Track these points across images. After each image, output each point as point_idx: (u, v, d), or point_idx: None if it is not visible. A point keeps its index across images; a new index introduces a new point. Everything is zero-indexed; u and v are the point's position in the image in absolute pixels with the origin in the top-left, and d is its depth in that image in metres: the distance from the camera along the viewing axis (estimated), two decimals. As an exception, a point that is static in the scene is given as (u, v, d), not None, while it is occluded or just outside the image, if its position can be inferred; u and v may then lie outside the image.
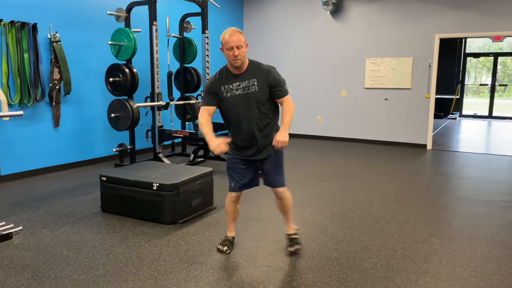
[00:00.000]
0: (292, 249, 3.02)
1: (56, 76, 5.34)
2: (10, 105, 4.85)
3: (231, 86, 2.77)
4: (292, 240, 3.07)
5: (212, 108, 2.82)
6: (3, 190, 4.67)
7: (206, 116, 2.80)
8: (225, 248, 3.05)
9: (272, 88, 2.80)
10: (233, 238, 3.17)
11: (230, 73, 2.79)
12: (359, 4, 8.02)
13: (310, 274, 2.72)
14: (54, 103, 5.38)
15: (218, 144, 2.65)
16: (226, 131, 2.98)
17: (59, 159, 5.59)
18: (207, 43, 6.21)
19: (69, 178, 5.21)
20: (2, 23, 4.71)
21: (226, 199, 3.08)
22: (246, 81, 2.76)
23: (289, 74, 8.86)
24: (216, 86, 2.79)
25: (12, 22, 4.78)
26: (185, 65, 6.55)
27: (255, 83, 2.76)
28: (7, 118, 4.80)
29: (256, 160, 2.91)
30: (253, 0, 9.08)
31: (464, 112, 14.13)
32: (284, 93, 2.84)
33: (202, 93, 2.87)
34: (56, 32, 5.30)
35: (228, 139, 2.78)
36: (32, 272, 2.72)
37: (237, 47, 2.68)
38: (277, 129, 2.88)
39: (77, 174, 5.45)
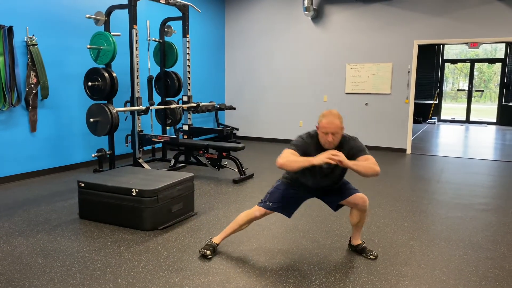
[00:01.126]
0: (374, 254, 3.08)
1: (33, 80, 5.23)
2: (-16, 110, 4.72)
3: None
4: (367, 248, 3.12)
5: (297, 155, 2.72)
6: (-24, 197, 4.53)
7: (292, 158, 2.67)
8: (208, 252, 3.01)
9: (352, 155, 2.76)
10: (217, 245, 3.12)
11: (321, 146, 2.78)
12: (340, 10, 8.11)
13: (292, 279, 2.71)
14: (30, 108, 5.25)
15: (326, 156, 2.56)
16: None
17: (35, 165, 5.46)
18: (188, 48, 6.18)
19: (46, 184, 5.09)
20: (-24, 25, 4.60)
21: (246, 212, 3.06)
22: None
23: (270, 79, 8.90)
24: (308, 150, 2.76)
25: (-14, 24, 4.67)
26: (166, 69, 6.50)
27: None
28: (-19, 123, 4.68)
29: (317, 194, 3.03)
30: (234, 4, 9.10)
31: (442, 117, 14.42)
32: (364, 154, 2.79)
33: (295, 143, 2.80)
34: (33, 35, 5.20)
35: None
36: (6, 281, 2.63)
37: (333, 134, 2.70)
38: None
39: (54, 180, 5.33)
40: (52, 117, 5.62)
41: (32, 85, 5.23)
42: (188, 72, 6.29)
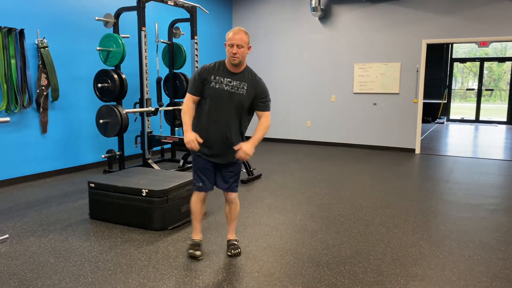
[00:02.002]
0: (234, 252, 3.06)
1: (44, 82, 5.29)
2: (-4, 112, 4.79)
3: (222, 79, 2.81)
4: (233, 245, 3.11)
5: (198, 98, 2.87)
6: (-11, 197, 4.60)
7: (190, 104, 2.87)
8: (198, 252, 3.02)
9: (257, 99, 2.87)
10: (201, 241, 3.13)
11: (226, 68, 2.84)
12: (348, 10, 8.10)
13: (300, 279, 2.72)
14: (41, 109, 5.32)
15: (192, 139, 2.77)
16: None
17: (46, 166, 5.52)
18: (197, 49, 6.21)
19: (57, 185, 5.15)
20: (-12, 28, 4.66)
21: (193, 199, 3.05)
22: (238, 82, 2.82)
23: (278, 79, 8.90)
24: (208, 73, 2.82)
25: (-2, 27, 4.73)
26: (174, 70, 6.54)
27: (245, 87, 2.83)
28: (-7, 125, 4.75)
29: (216, 163, 2.95)
30: (242, 5, 9.12)
31: (451, 117, 14.31)
32: (267, 108, 2.91)
33: (191, 78, 2.89)
34: (44, 37, 5.26)
35: (200, 139, 2.81)
36: (19, 281, 2.67)
37: (238, 46, 2.74)
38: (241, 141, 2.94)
39: (65, 181, 5.39)
40: (63, 119, 5.68)
41: (43, 87, 5.29)
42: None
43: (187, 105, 2.86)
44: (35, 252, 3.13)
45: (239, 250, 3.09)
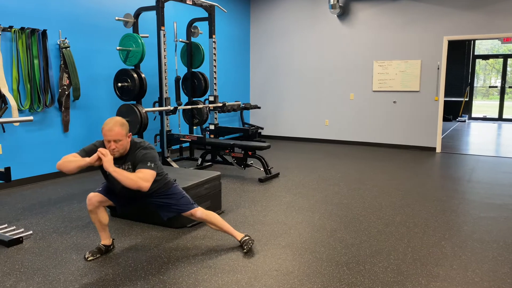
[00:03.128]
0: (247, 246, 3.09)
1: (65, 81, 5.39)
2: (20, 111, 4.91)
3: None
4: (245, 242, 3.12)
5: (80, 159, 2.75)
6: (13, 195, 4.71)
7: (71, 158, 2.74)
8: (250, 242, 3.13)
9: (135, 167, 2.80)
10: (106, 246, 3.12)
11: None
12: (366, 7, 8.01)
13: (320, 278, 2.71)
14: (63, 108, 5.42)
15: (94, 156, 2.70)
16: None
17: (68, 164, 5.62)
18: (215, 48, 6.23)
19: (78, 183, 5.25)
20: (13, 29, 4.77)
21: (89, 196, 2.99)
22: (123, 165, 2.82)
23: (296, 77, 8.87)
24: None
25: (22, 28, 4.84)
26: (193, 70, 6.57)
27: (130, 166, 2.82)
28: (17, 124, 4.86)
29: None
30: (260, 4, 9.11)
31: (473, 115, 14.02)
32: (144, 166, 2.75)
33: (81, 149, 2.85)
34: (66, 38, 5.36)
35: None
36: (43, 276, 2.73)
37: (115, 141, 2.70)
38: (166, 184, 3.02)
39: (86, 178, 5.48)
40: (84, 118, 5.78)
41: (65, 87, 5.39)
42: (214, 72, 6.35)
43: (67, 157, 2.74)
44: (58, 248, 3.19)
45: (251, 242, 3.12)
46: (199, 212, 3.09)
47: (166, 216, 3.09)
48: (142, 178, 2.67)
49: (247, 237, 3.16)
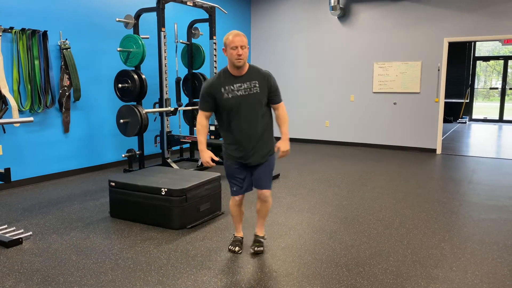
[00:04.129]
0: (257, 249, 3.09)
1: (66, 82, 5.40)
2: (21, 112, 4.91)
3: (232, 87, 2.80)
4: (259, 242, 3.14)
5: (210, 113, 2.91)
6: (13, 195, 4.72)
7: (204, 122, 2.92)
8: (237, 248, 3.12)
9: (270, 93, 2.89)
10: (242, 238, 3.23)
11: (230, 75, 2.84)
12: (367, 8, 8.01)
13: (319, 280, 2.70)
14: (64, 109, 5.43)
15: (207, 160, 2.88)
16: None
17: (68, 165, 5.64)
18: (215, 49, 6.24)
19: (78, 184, 5.25)
20: (13, 30, 4.78)
21: (230, 203, 3.16)
22: (248, 83, 2.82)
23: (296, 78, 8.87)
24: (215, 88, 2.82)
25: (23, 29, 4.85)
26: (193, 71, 6.58)
27: (257, 85, 2.83)
28: (18, 124, 4.87)
29: (251, 165, 2.96)
30: (260, 5, 9.12)
31: (474, 116, 14.00)
32: (280, 99, 2.95)
33: (200, 96, 2.91)
34: (66, 39, 5.37)
35: (216, 158, 2.91)
36: (42, 277, 2.73)
37: (241, 47, 2.74)
38: (273, 136, 3.00)
39: (86, 179, 5.49)
40: (84, 118, 5.79)
41: (65, 88, 5.40)
42: (215, 73, 6.35)
43: (201, 124, 2.91)
44: (57, 249, 3.19)
45: (262, 248, 3.12)
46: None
47: (262, 180, 2.98)
48: (286, 113, 2.99)
49: (262, 240, 3.17)
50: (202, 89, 2.89)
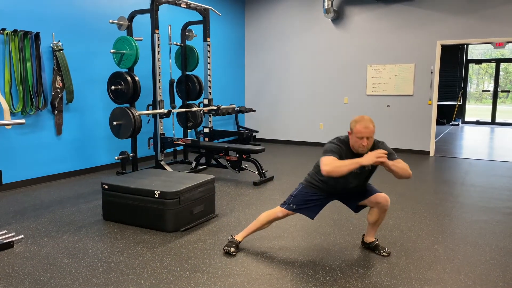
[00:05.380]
0: (387, 250, 3.14)
1: (59, 84, 5.36)
2: (12, 114, 4.87)
3: None
4: (380, 246, 3.18)
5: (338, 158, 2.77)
6: (4, 198, 4.67)
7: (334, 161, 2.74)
8: (232, 249, 3.11)
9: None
10: (240, 242, 3.22)
11: (351, 152, 2.85)
12: (361, 11, 8.05)
13: (313, 282, 2.70)
14: (56, 111, 5.39)
15: (374, 154, 2.65)
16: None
17: (61, 167, 5.59)
18: (209, 51, 6.23)
19: (71, 186, 5.21)
20: (5, 32, 4.74)
21: (272, 212, 3.13)
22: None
23: (290, 81, 8.89)
24: (342, 154, 2.80)
25: (15, 31, 4.81)
26: (187, 73, 6.56)
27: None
28: (9, 127, 4.82)
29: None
30: (254, 7, 9.13)
31: (466, 119, 14.10)
32: (394, 157, 2.83)
33: (332, 145, 2.88)
34: (59, 40, 5.33)
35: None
36: (33, 280, 2.70)
37: (367, 138, 2.75)
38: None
39: (79, 182, 5.45)
40: (77, 121, 5.75)
41: (58, 90, 5.36)
42: (209, 75, 6.34)
43: (334, 162, 2.72)
44: (49, 252, 3.16)
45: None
46: None
47: (360, 201, 3.09)
48: (407, 166, 2.80)
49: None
50: (334, 147, 2.86)
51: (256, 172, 5.55)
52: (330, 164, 2.68)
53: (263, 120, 9.30)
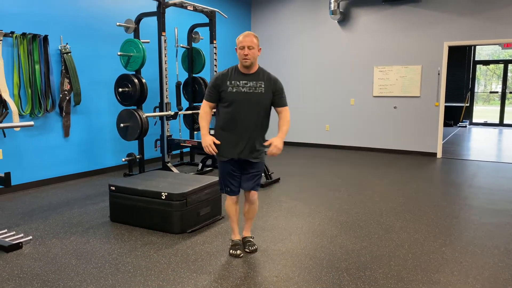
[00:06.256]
0: (252, 248, 3.19)
1: (66, 87, 5.40)
2: (21, 116, 4.91)
3: (238, 83, 2.94)
4: (250, 241, 3.23)
5: (213, 105, 3.02)
6: (13, 199, 4.71)
7: (207, 109, 3.03)
8: (238, 251, 3.13)
9: (275, 95, 2.99)
10: (240, 241, 3.26)
11: (239, 72, 2.98)
12: (367, 12, 8.03)
13: (320, 284, 2.69)
14: (64, 114, 5.43)
15: (209, 143, 2.93)
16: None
17: (68, 169, 5.63)
18: (215, 53, 6.24)
19: (79, 188, 5.25)
20: (14, 35, 4.79)
21: (226, 203, 3.20)
22: (254, 82, 2.95)
23: (296, 83, 8.88)
24: (222, 80, 2.96)
25: (23, 34, 4.86)
26: (194, 75, 6.59)
27: (262, 86, 2.95)
28: (18, 129, 4.88)
29: (243, 160, 3.02)
30: (260, 10, 9.14)
31: (474, 120, 14.00)
32: (285, 103, 3.04)
33: (208, 86, 3.05)
34: (67, 43, 5.38)
35: (217, 142, 2.97)
36: (42, 282, 2.73)
37: (248, 47, 2.88)
38: (264, 140, 3.07)
39: (87, 183, 5.48)
40: (84, 123, 5.79)
41: (66, 92, 5.40)
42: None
43: (204, 110, 3.03)
44: (57, 253, 3.19)
45: (256, 246, 3.22)
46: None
47: (251, 181, 3.06)
48: (289, 116, 3.02)
49: (252, 240, 3.28)
50: (210, 80, 3.03)
51: (263, 174, 5.55)
52: (201, 110, 3.04)
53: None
